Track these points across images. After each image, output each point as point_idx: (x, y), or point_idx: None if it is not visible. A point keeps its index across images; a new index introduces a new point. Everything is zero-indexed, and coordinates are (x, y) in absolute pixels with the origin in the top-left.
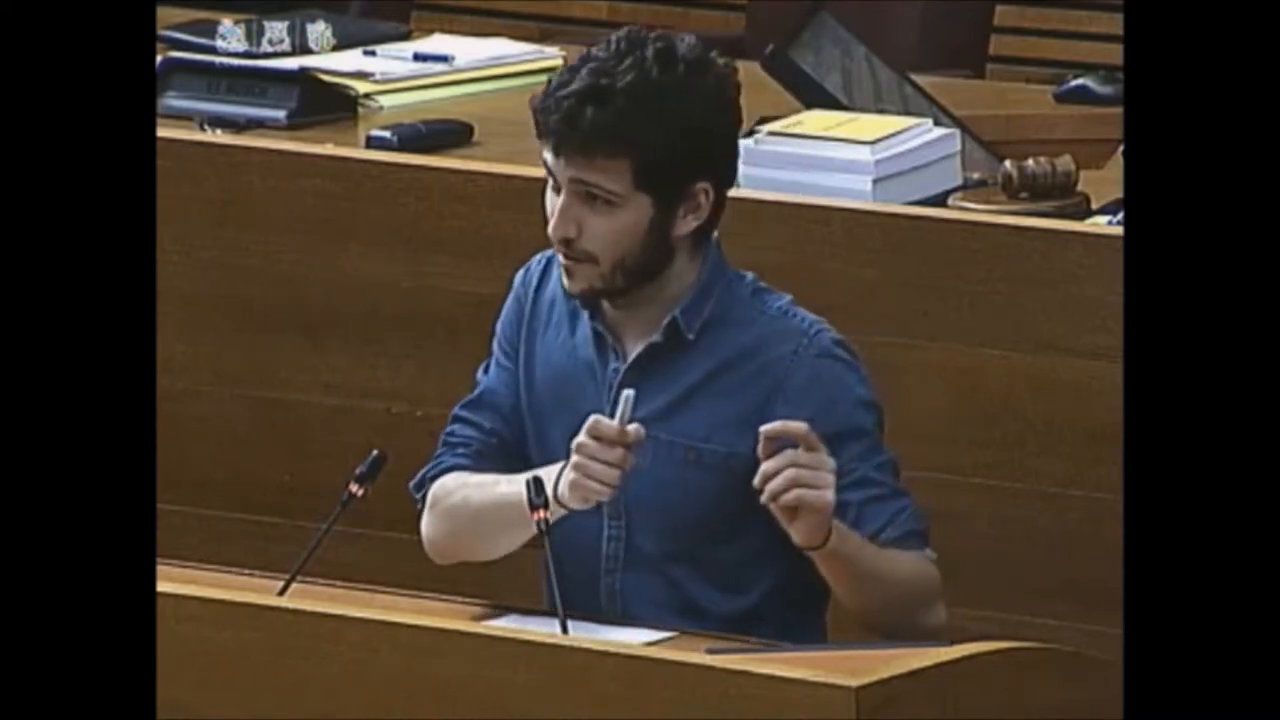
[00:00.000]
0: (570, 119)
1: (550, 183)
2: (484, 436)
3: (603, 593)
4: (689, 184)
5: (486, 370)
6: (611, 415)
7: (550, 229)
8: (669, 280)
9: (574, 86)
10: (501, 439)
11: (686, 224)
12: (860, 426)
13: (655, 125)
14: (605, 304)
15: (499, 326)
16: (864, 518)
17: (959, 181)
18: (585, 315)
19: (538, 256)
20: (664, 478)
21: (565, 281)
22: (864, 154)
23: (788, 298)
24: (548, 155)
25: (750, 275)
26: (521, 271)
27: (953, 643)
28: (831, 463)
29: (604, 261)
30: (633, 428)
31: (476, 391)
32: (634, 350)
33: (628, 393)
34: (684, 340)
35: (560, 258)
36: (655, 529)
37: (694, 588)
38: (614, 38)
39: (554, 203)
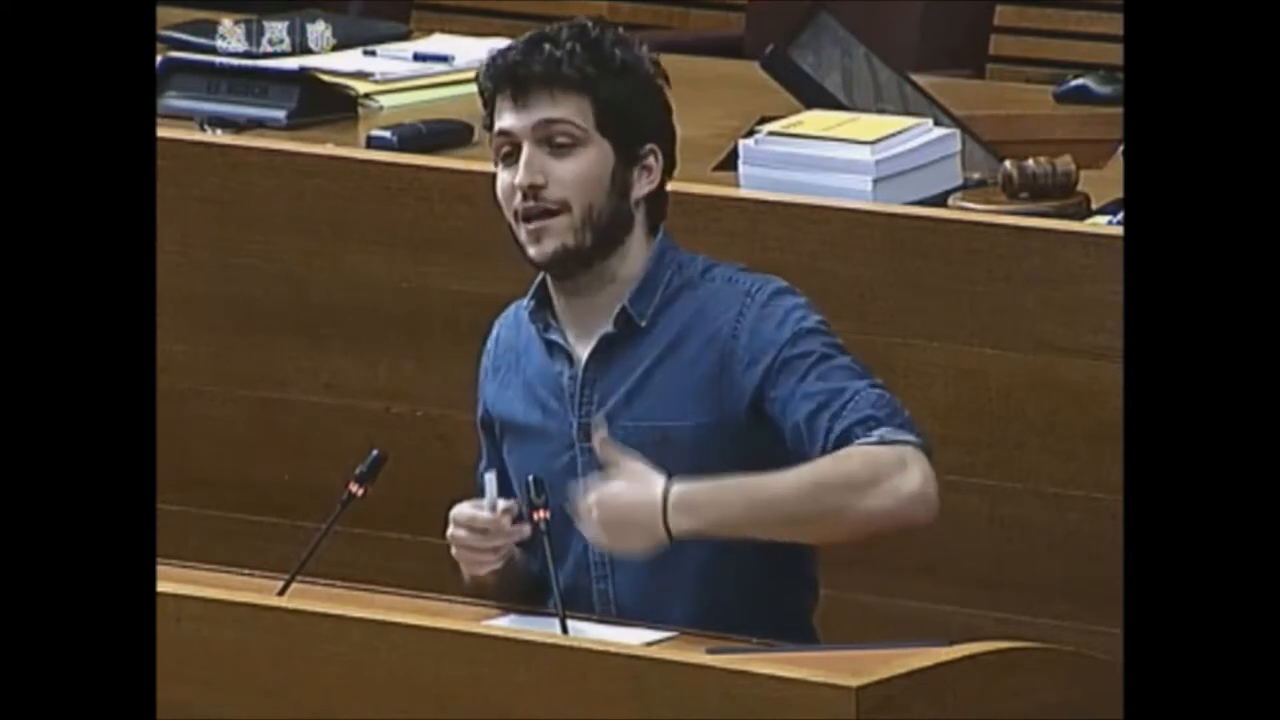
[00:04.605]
0: (529, 57)
1: (502, 165)
2: None
3: (596, 600)
4: (643, 142)
5: (486, 465)
6: (576, 416)
7: (516, 185)
8: (624, 256)
9: (521, 43)
10: None
11: (641, 186)
12: (803, 351)
13: (608, 69)
14: (559, 301)
15: (478, 404)
16: (810, 434)
17: (959, 181)
18: (537, 332)
19: (496, 323)
20: None
21: (534, 249)
22: (864, 154)
23: (737, 266)
24: (506, 117)
25: (701, 256)
26: (488, 342)
27: (953, 643)
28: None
29: (575, 208)
30: (501, 505)
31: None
32: (588, 348)
33: (489, 476)
34: (637, 328)
35: (525, 222)
36: None
37: (684, 579)
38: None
39: (509, 175)
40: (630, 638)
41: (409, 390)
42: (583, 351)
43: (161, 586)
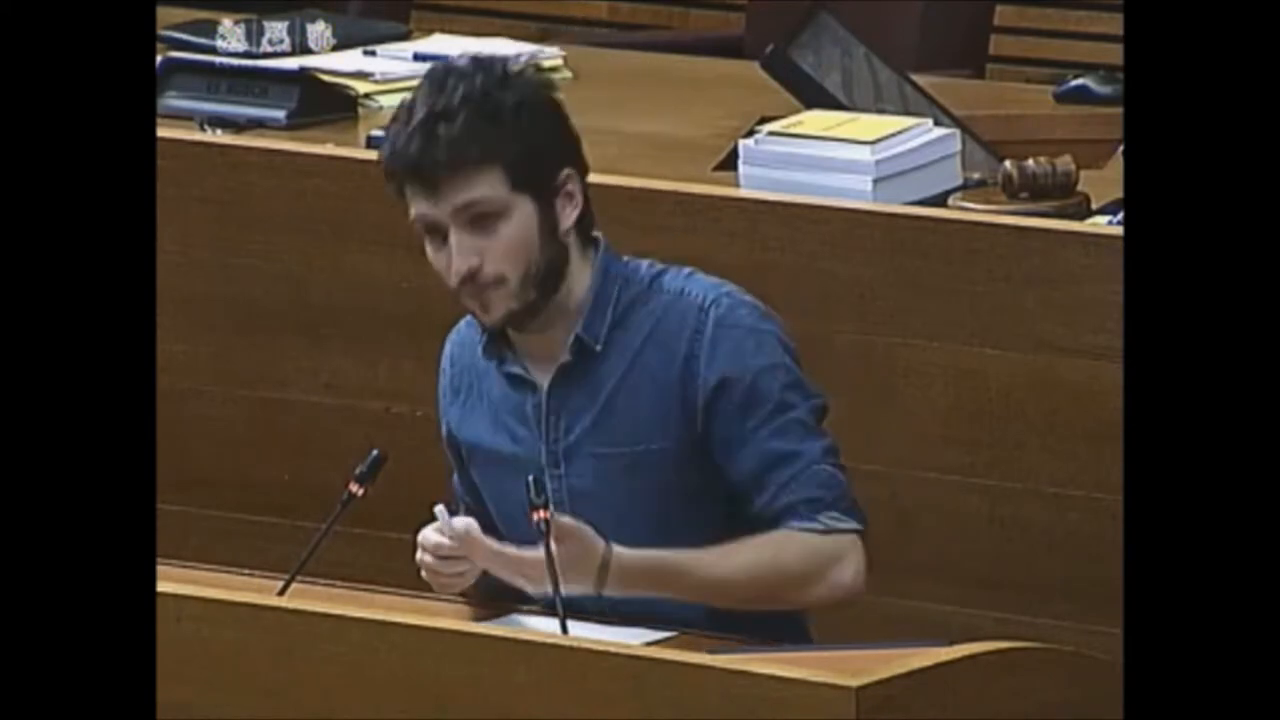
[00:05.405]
0: (428, 146)
1: (429, 241)
2: None
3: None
4: (556, 174)
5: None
6: (545, 443)
7: (453, 272)
8: (569, 288)
9: (414, 124)
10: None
11: (568, 216)
12: (762, 394)
13: (506, 124)
14: (514, 335)
15: (441, 423)
16: (757, 489)
17: (959, 181)
18: (494, 365)
19: (447, 340)
20: (609, 492)
21: (483, 317)
22: (864, 154)
23: (686, 270)
24: (421, 204)
25: (646, 261)
26: (442, 360)
27: (953, 643)
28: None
29: (513, 278)
30: (460, 526)
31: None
32: (548, 376)
33: (439, 509)
34: (594, 352)
35: (469, 297)
36: (616, 542)
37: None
38: (422, 81)
39: (442, 255)
40: (630, 638)
41: (409, 390)
42: (544, 380)
43: (161, 586)
